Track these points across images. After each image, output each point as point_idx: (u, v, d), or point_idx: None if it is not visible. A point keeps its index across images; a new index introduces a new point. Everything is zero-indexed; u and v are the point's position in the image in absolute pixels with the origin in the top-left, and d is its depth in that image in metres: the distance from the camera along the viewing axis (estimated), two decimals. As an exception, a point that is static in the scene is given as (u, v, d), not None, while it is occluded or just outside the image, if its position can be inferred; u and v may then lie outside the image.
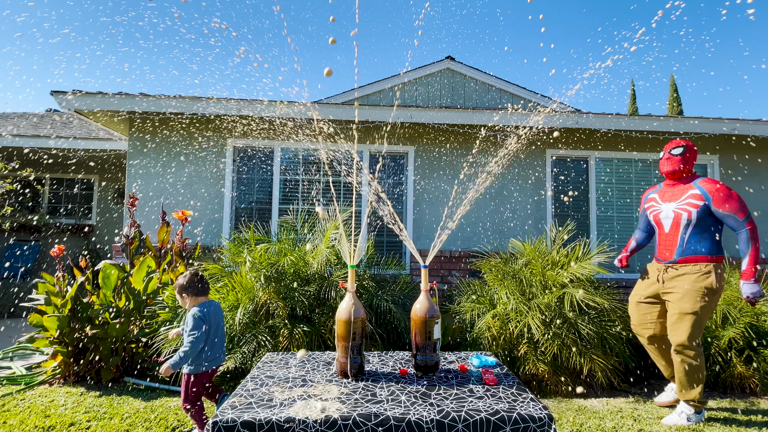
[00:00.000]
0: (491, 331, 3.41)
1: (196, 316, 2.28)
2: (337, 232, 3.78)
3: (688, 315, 2.61)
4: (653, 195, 2.99)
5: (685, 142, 2.83)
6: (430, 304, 1.80)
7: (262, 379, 1.69)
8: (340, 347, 1.72)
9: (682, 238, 2.72)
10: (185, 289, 2.39)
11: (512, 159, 5.25)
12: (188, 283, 2.39)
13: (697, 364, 2.62)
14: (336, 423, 1.33)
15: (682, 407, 2.72)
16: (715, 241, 2.68)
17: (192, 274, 2.43)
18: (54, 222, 7.86)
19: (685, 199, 2.74)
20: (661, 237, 2.87)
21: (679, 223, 2.74)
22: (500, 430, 1.34)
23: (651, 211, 2.96)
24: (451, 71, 7.97)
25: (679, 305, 2.65)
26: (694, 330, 2.60)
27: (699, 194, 2.69)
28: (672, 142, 2.90)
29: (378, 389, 1.59)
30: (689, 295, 2.62)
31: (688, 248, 2.70)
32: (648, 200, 3.02)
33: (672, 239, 2.77)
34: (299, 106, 4.81)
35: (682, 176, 2.84)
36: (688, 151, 2.80)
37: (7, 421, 2.59)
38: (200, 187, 5.11)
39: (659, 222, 2.88)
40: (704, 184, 2.71)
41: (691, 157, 2.81)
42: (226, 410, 1.39)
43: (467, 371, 1.82)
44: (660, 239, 2.87)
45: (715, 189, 2.66)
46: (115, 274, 3.61)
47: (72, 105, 4.77)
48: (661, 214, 2.86)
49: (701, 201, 2.67)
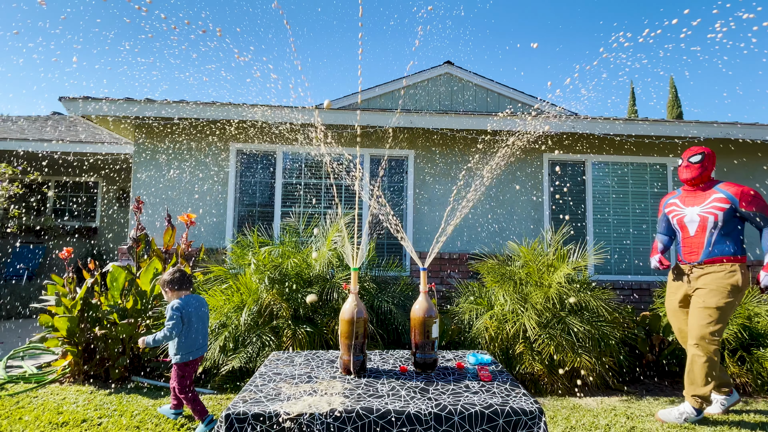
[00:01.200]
0: (489, 331, 3.50)
1: (174, 307, 2.56)
2: (339, 235, 3.88)
3: (711, 309, 2.69)
4: (673, 200, 3.08)
5: (703, 149, 2.92)
6: (429, 305, 1.89)
7: (270, 376, 1.79)
8: (344, 346, 1.82)
9: (708, 240, 2.82)
10: (168, 284, 2.67)
11: (510, 163, 5.35)
12: (171, 279, 2.67)
13: (715, 360, 2.69)
14: (340, 416, 1.42)
15: (685, 407, 2.79)
16: (739, 241, 2.79)
17: (174, 270, 2.71)
18: (59, 224, 7.97)
19: (710, 203, 2.84)
20: (685, 240, 2.96)
21: (705, 226, 2.83)
22: (494, 422, 1.44)
23: (673, 215, 3.04)
24: (450, 76, 8.08)
25: (704, 299, 2.74)
26: (716, 325, 2.68)
27: (724, 197, 2.80)
28: (689, 150, 2.98)
29: (379, 385, 1.69)
30: (715, 291, 2.72)
31: (714, 249, 2.80)
32: (668, 205, 3.11)
33: (698, 241, 2.87)
34: (301, 111, 4.92)
35: (702, 182, 2.93)
36: (706, 158, 2.90)
37: (23, 417, 2.68)
38: (204, 190, 5.21)
39: (683, 225, 2.96)
40: (728, 188, 2.82)
41: (709, 163, 2.90)
42: (238, 403, 1.48)
43: (464, 368, 1.91)
44: (684, 242, 2.96)
45: (741, 191, 2.77)
46: (122, 276, 3.71)
47: (79, 110, 4.88)
48: (686, 218, 2.94)
49: (727, 204, 2.78)
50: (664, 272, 5.37)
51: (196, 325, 2.64)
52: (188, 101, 4.93)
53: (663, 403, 3.16)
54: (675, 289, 3.02)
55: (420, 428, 1.42)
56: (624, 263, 5.38)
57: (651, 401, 3.20)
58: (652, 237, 5.42)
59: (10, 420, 2.67)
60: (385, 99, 8.13)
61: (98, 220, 8.32)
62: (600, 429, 2.67)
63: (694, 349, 2.74)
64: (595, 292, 3.67)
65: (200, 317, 2.69)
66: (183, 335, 2.58)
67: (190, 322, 2.60)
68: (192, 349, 2.61)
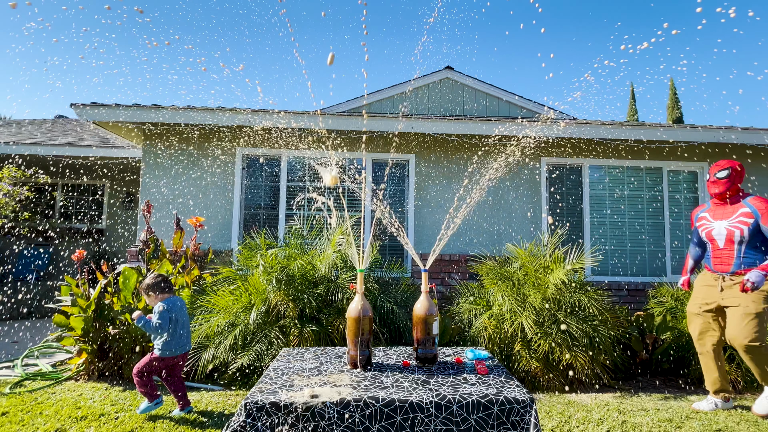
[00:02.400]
0: (487, 330, 3.63)
1: (163, 309, 2.77)
2: (343, 237, 4.02)
3: (752, 315, 2.81)
4: (704, 214, 3.21)
5: (730, 164, 3.03)
6: (430, 304, 2.03)
7: (282, 370, 1.92)
8: (351, 341, 1.95)
9: (738, 252, 2.94)
10: (152, 288, 2.85)
11: (509, 166, 5.49)
12: (154, 283, 2.86)
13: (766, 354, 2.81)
14: (349, 404, 1.56)
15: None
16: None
17: (157, 275, 2.90)
18: (66, 226, 8.12)
19: (737, 217, 2.96)
20: (714, 251, 3.08)
21: (732, 240, 2.96)
22: (489, 410, 1.57)
23: (703, 229, 3.17)
24: (450, 80, 8.23)
25: (744, 308, 2.84)
26: (760, 328, 2.80)
27: (749, 212, 2.92)
28: (716, 165, 3.10)
29: (384, 377, 1.82)
30: (752, 299, 2.83)
31: (745, 260, 2.91)
32: (699, 218, 3.24)
33: (727, 253, 2.99)
34: (305, 116, 5.06)
35: (730, 196, 3.05)
36: (733, 173, 3.01)
37: (43, 412, 2.82)
38: (210, 193, 5.36)
39: (712, 238, 3.09)
40: (754, 202, 2.93)
41: (736, 177, 3.01)
42: (255, 393, 1.62)
43: (462, 363, 2.05)
44: (714, 253, 3.09)
45: (764, 207, 2.88)
46: (134, 278, 3.85)
47: (89, 116, 5.03)
48: (714, 231, 3.07)
49: (751, 218, 2.90)
50: (659, 274, 5.51)
51: (182, 326, 2.86)
52: (196, 107, 5.08)
53: (655, 399, 3.29)
54: (703, 296, 3.12)
55: (422, 415, 1.56)
56: (620, 265, 5.51)
57: (643, 397, 3.33)
58: (647, 239, 5.56)
59: (32, 414, 2.80)
60: (387, 103, 8.28)
61: (104, 222, 8.47)
62: (593, 422, 2.80)
63: (745, 355, 2.83)
64: (590, 293, 3.80)
65: (184, 318, 2.91)
66: (170, 334, 2.80)
67: (176, 323, 2.81)
68: (177, 346, 2.82)
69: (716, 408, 3.06)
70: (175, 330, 2.81)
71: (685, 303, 4.14)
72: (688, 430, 2.72)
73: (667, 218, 5.57)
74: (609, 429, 2.73)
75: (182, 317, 2.87)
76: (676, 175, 5.69)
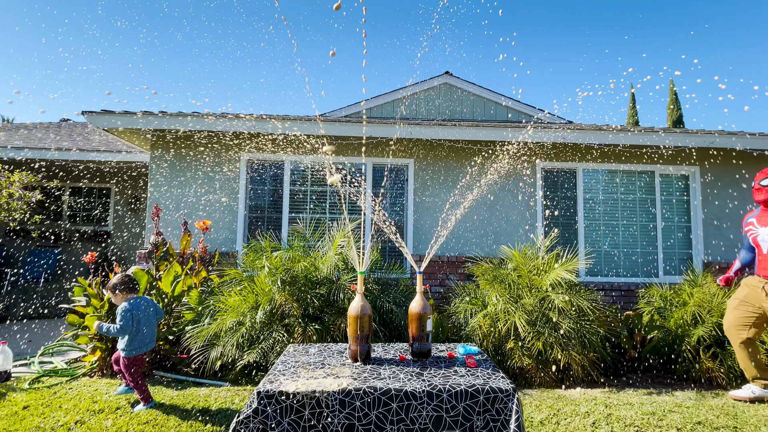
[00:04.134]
0: (482, 329, 3.81)
1: (125, 308, 2.93)
2: (345, 240, 4.20)
3: None
4: (752, 219, 3.39)
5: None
6: (425, 303, 2.21)
7: (290, 363, 2.10)
8: (352, 338, 2.13)
9: None
10: (118, 288, 3.00)
11: (505, 170, 5.66)
12: (120, 282, 3.00)
13: None
14: (350, 393, 1.74)
15: None
16: None
17: (123, 275, 3.07)
18: (73, 229, 8.31)
19: None
20: (761, 256, 3.26)
21: None
22: (475, 399, 1.75)
23: (750, 234, 3.36)
24: (449, 86, 8.41)
25: None
26: None
27: None
28: (761, 173, 3.28)
29: (382, 370, 2.00)
30: None
31: None
32: (747, 224, 3.42)
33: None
34: (306, 122, 5.25)
35: None
36: None
37: (62, 406, 3.00)
38: (216, 197, 5.54)
39: (758, 244, 3.27)
40: None
41: None
42: (266, 384, 1.80)
43: (454, 357, 2.22)
44: (760, 258, 3.27)
45: None
46: (144, 279, 4.03)
47: (99, 123, 5.22)
48: (759, 237, 3.26)
49: None
50: (652, 275, 5.68)
51: (145, 325, 3.02)
52: (202, 113, 5.27)
53: (641, 394, 3.46)
54: (746, 295, 3.30)
55: (415, 403, 1.73)
56: (612, 266, 5.68)
57: (630, 393, 3.50)
58: (640, 241, 5.72)
59: (52, 407, 2.98)
60: (386, 108, 8.46)
61: (111, 225, 8.66)
62: (580, 415, 2.97)
63: None
64: (582, 293, 3.97)
65: (148, 317, 3.06)
66: (132, 334, 2.95)
67: (139, 322, 2.97)
68: (140, 345, 3.00)
69: (753, 395, 3.25)
70: (139, 329, 2.97)
71: (673, 303, 4.31)
72: (670, 422, 2.89)
73: (659, 220, 5.73)
74: (595, 421, 2.90)
75: (145, 317, 3.02)
76: (667, 178, 5.86)
